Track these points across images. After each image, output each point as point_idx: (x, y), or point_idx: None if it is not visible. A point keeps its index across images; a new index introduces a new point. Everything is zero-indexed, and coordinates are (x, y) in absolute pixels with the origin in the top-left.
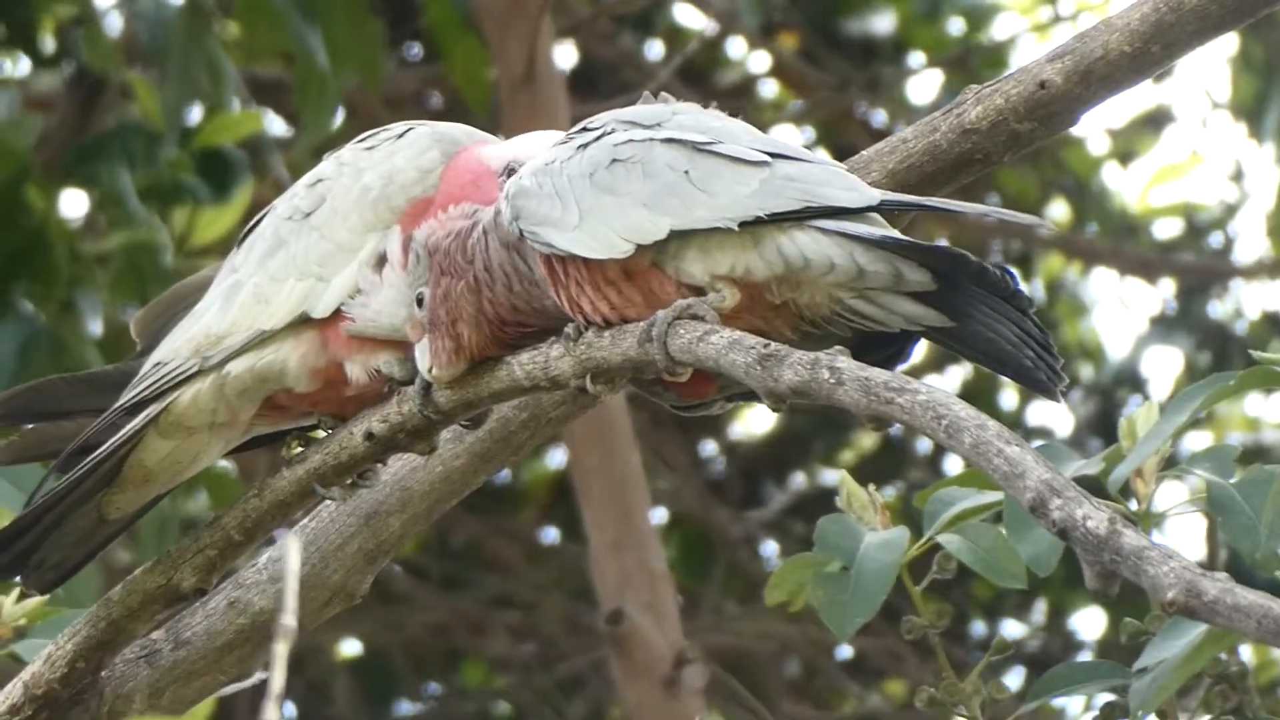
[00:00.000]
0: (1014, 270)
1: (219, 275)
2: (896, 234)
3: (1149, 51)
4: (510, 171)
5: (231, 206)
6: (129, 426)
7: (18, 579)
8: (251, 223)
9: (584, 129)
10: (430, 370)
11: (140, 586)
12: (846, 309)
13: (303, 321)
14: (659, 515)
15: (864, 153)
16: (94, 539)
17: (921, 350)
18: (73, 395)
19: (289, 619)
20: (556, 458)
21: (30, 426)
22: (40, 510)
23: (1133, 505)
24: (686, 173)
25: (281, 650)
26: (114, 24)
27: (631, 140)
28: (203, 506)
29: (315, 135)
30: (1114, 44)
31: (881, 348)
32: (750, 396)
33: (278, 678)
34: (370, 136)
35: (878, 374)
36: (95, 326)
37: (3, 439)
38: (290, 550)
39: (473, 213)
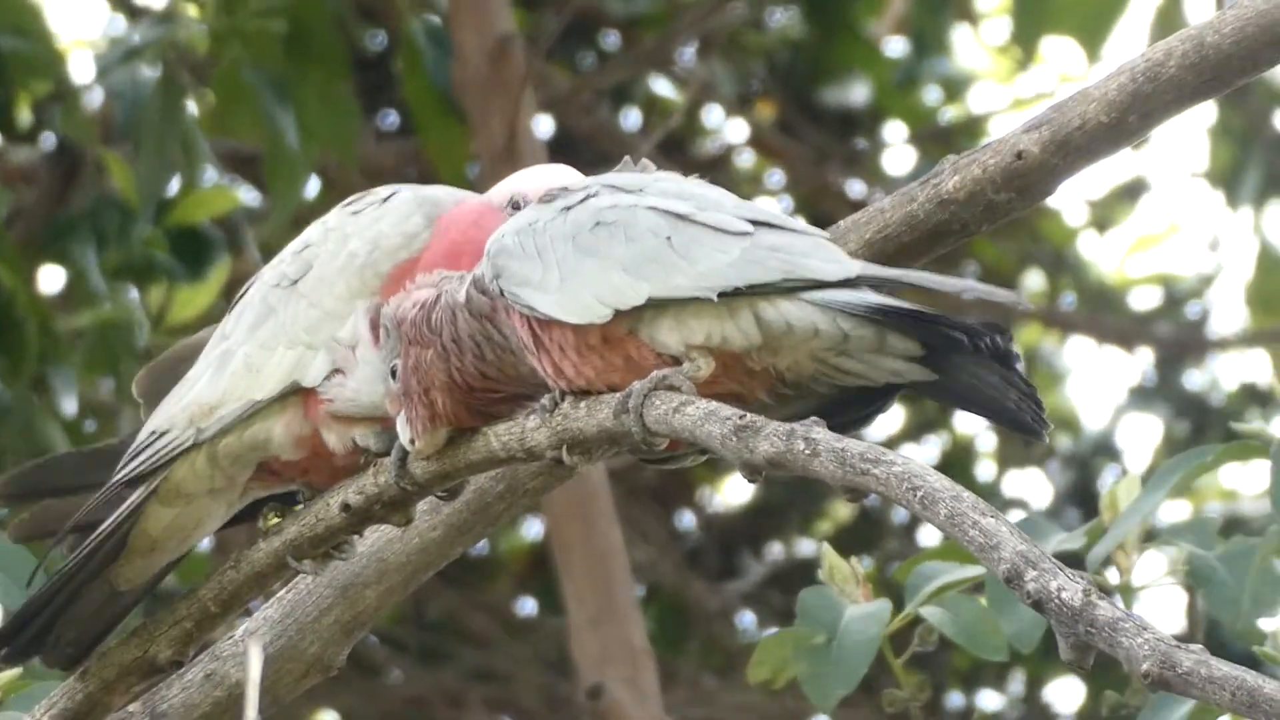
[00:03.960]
0: (1005, 330)
1: (211, 341)
2: (885, 301)
3: (1126, 122)
4: (515, 205)
5: (208, 284)
6: (130, 499)
7: (37, 659)
8: (243, 289)
9: (565, 189)
10: (412, 442)
11: (116, 659)
12: (830, 367)
13: (290, 390)
14: (636, 588)
15: (841, 222)
16: (109, 612)
17: (899, 419)
18: (82, 470)
19: None
20: (533, 528)
21: (41, 503)
22: (51, 590)
23: (1114, 577)
24: (669, 239)
25: None
26: (94, 100)
27: (617, 205)
28: (173, 582)
29: (284, 212)
30: (1091, 114)
31: (862, 404)
32: None
33: None
34: (356, 200)
35: (853, 445)
36: (69, 404)
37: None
38: (252, 656)
39: (438, 281)
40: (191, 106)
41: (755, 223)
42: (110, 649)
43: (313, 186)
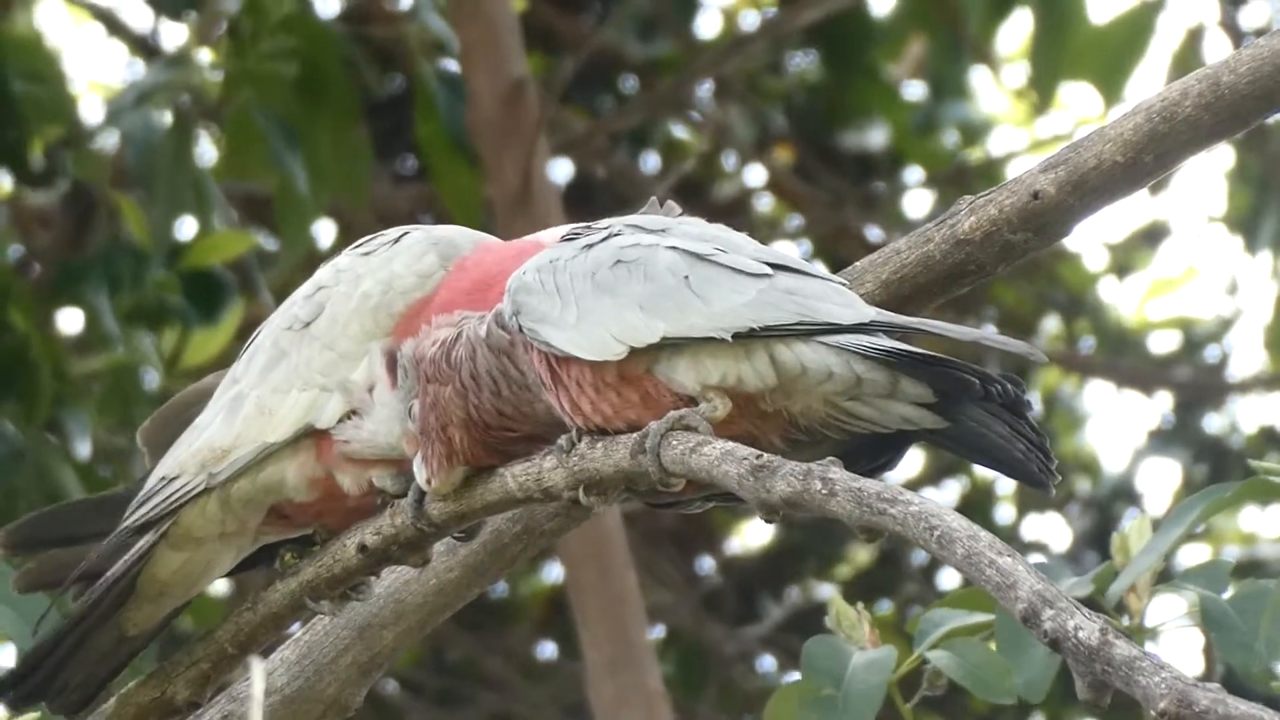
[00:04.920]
0: (1019, 380)
1: (221, 386)
2: (898, 344)
3: (1142, 161)
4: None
5: (221, 328)
6: (140, 544)
7: (43, 705)
8: (254, 333)
9: (589, 227)
10: (428, 481)
11: (134, 700)
12: (843, 411)
13: (303, 433)
14: (654, 632)
15: (858, 263)
16: (116, 656)
17: (918, 462)
18: (89, 518)
19: None
20: (552, 572)
21: (46, 553)
22: (59, 635)
23: (1126, 620)
24: (686, 278)
25: None
26: (108, 143)
27: (638, 244)
28: (187, 625)
29: (293, 254)
30: (1107, 154)
31: (875, 452)
32: (730, 498)
33: None
34: (367, 242)
35: (870, 485)
36: (83, 447)
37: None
38: (255, 677)
39: (458, 320)
40: (207, 149)
41: (773, 266)
42: (128, 690)
43: (328, 231)
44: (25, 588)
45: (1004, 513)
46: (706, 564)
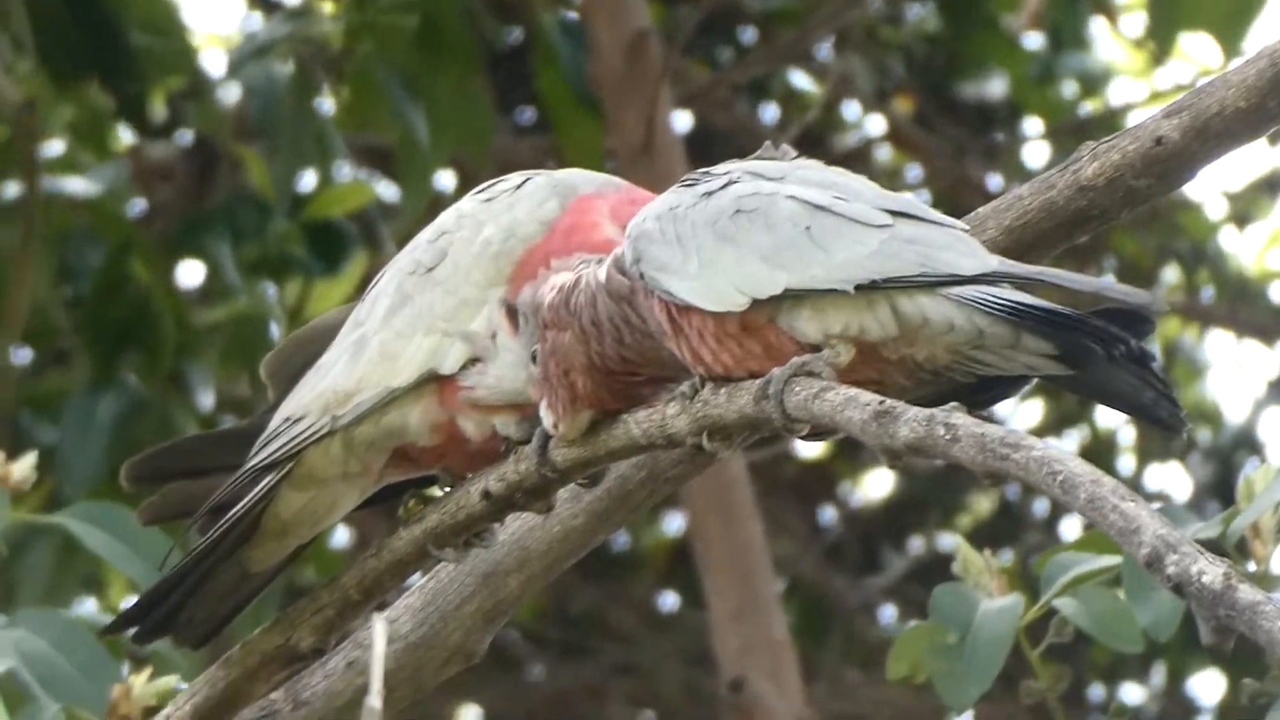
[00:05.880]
0: (1145, 348)
1: (345, 327)
2: (1022, 299)
3: (1265, 107)
4: None
5: (343, 279)
6: (263, 484)
7: (168, 638)
8: (377, 276)
9: (707, 174)
10: (555, 427)
11: (258, 647)
12: (966, 358)
13: (426, 378)
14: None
15: (981, 210)
16: (239, 593)
17: (1039, 411)
18: (210, 452)
19: (375, 700)
20: (674, 523)
21: (170, 486)
22: (183, 572)
23: (1250, 567)
24: (808, 229)
25: None
26: (230, 95)
27: (758, 192)
28: (310, 577)
29: (414, 207)
30: (1230, 100)
31: (999, 386)
32: None
33: None
34: (489, 187)
35: (993, 430)
36: (205, 398)
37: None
38: (377, 633)
39: (576, 265)
40: (327, 101)
41: (894, 214)
42: (252, 638)
43: (450, 181)
44: (150, 519)
45: (1125, 463)
46: (829, 515)
